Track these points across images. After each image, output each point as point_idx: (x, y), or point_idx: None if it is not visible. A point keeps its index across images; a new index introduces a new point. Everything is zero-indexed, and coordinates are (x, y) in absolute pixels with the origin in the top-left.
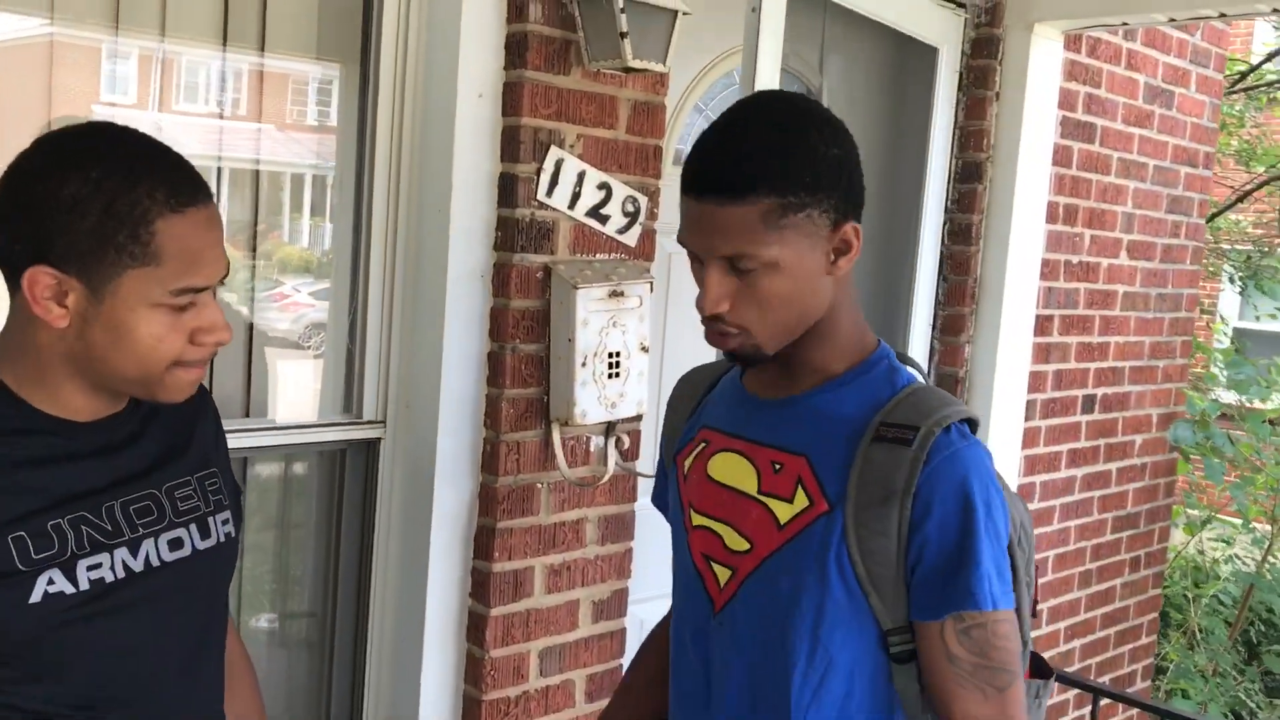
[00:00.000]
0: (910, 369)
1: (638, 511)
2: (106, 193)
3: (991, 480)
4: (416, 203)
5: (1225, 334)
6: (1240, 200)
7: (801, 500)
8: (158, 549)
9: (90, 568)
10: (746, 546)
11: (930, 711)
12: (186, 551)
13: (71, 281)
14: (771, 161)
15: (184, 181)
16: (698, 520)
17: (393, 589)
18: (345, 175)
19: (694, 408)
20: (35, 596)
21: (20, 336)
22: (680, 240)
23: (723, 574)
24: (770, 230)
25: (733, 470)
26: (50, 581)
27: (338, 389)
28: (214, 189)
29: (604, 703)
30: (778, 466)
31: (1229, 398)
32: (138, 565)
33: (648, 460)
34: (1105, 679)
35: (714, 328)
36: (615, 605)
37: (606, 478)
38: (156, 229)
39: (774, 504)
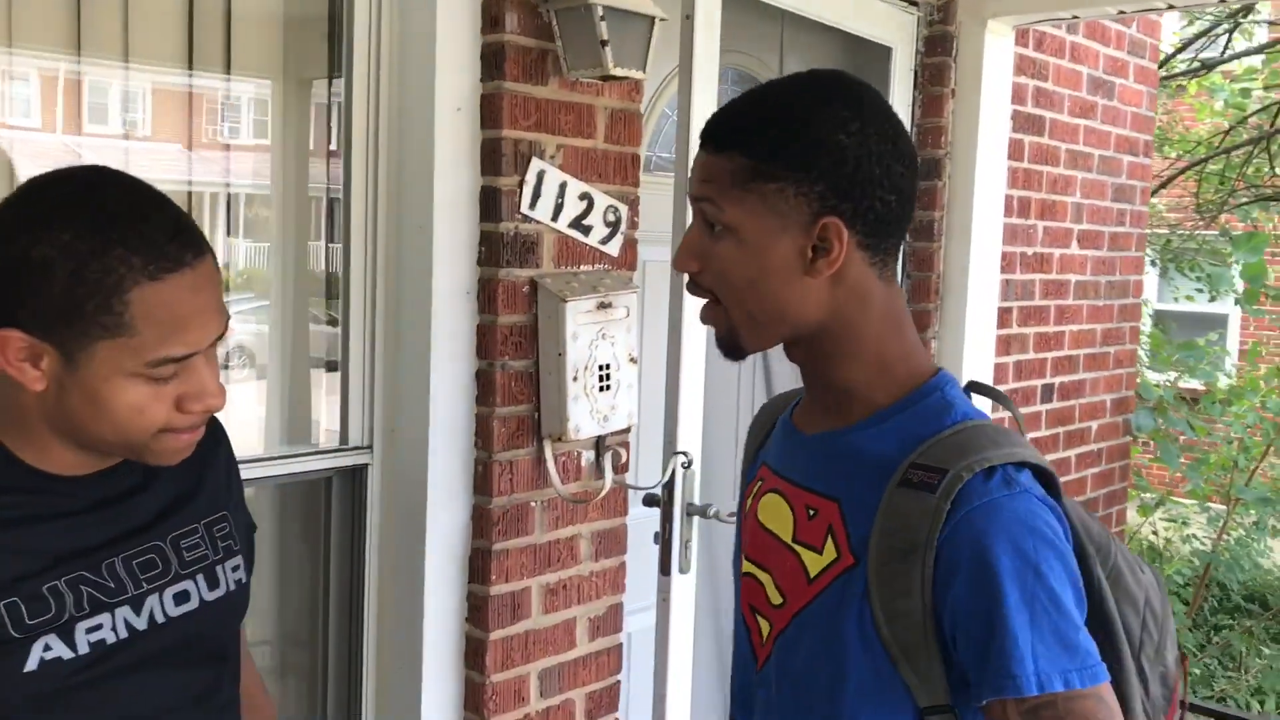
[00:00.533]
0: (976, 399)
1: (629, 524)
2: (77, 258)
3: (1040, 537)
4: (396, 221)
5: (1149, 316)
6: (1164, 185)
7: (830, 552)
8: (162, 604)
9: (90, 629)
10: (781, 600)
11: None
12: (193, 605)
13: (44, 346)
14: (761, 122)
15: (168, 243)
16: (746, 567)
17: (388, 618)
18: (319, 195)
19: (763, 440)
20: (31, 664)
21: (6, 393)
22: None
23: (764, 628)
24: (735, 188)
25: (774, 514)
26: (46, 648)
27: (331, 414)
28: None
29: None
30: (812, 512)
31: (1154, 378)
32: (141, 624)
33: (639, 473)
34: None
35: (691, 291)
36: (611, 621)
37: (604, 492)
38: (130, 299)
39: (805, 554)
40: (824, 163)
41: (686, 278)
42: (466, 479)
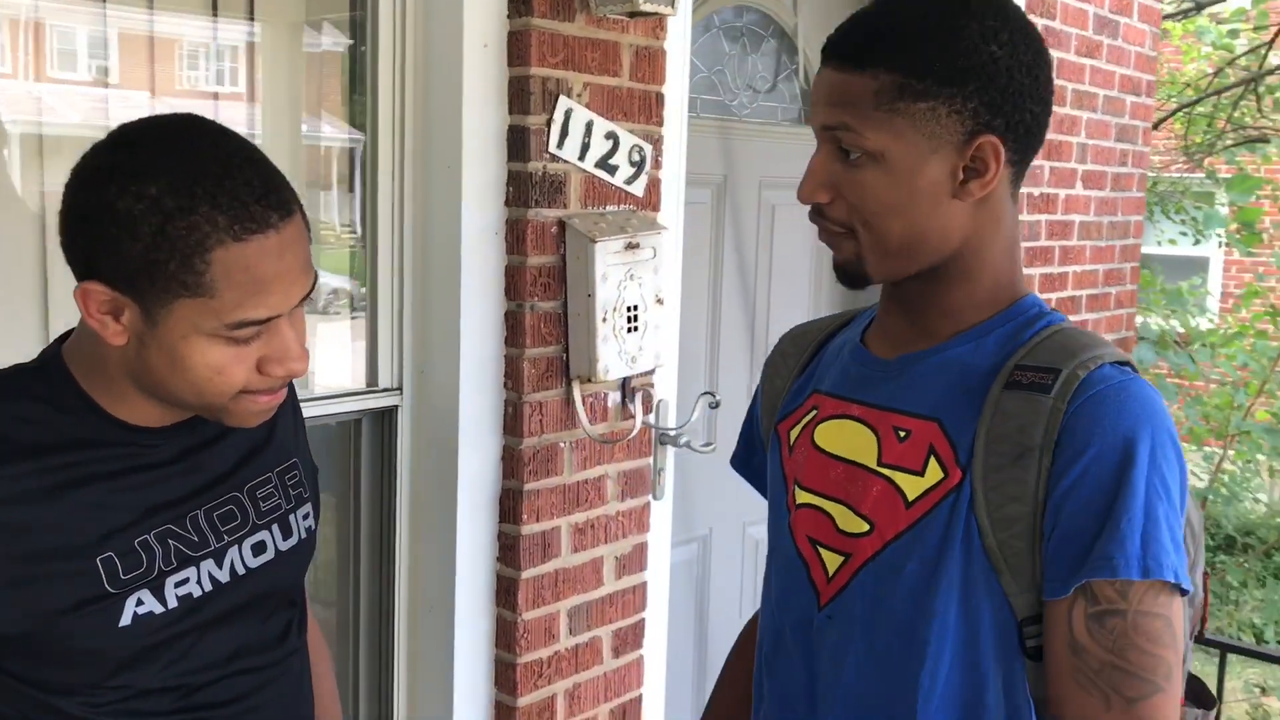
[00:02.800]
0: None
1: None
2: (162, 213)
3: (1168, 429)
4: (423, 161)
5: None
6: (1154, 128)
7: (935, 472)
8: (242, 556)
9: (178, 584)
10: (865, 528)
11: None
12: (270, 555)
13: (125, 300)
14: (904, 35)
15: (255, 203)
16: (803, 498)
17: (420, 559)
18: (351, 139)
19: (803, 367)
20: (125, 619)
21: (90, 345)
22: (810, 120)
23: (832, 561)
24: (880, 111)
25: (848, 439)
26: (139, 602)
27: (357, 357)
28: None
29: (631, 657)
30: (903, 434)
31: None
32: (224, 576)
33: (670, 414)
34: None
35: (815, 222)
36: (637, 559)
37: (635, 432)
38: (212, 259)
39: (900, 478)
40: (978, 77)
41: (809, 208)
42: (497, 420)
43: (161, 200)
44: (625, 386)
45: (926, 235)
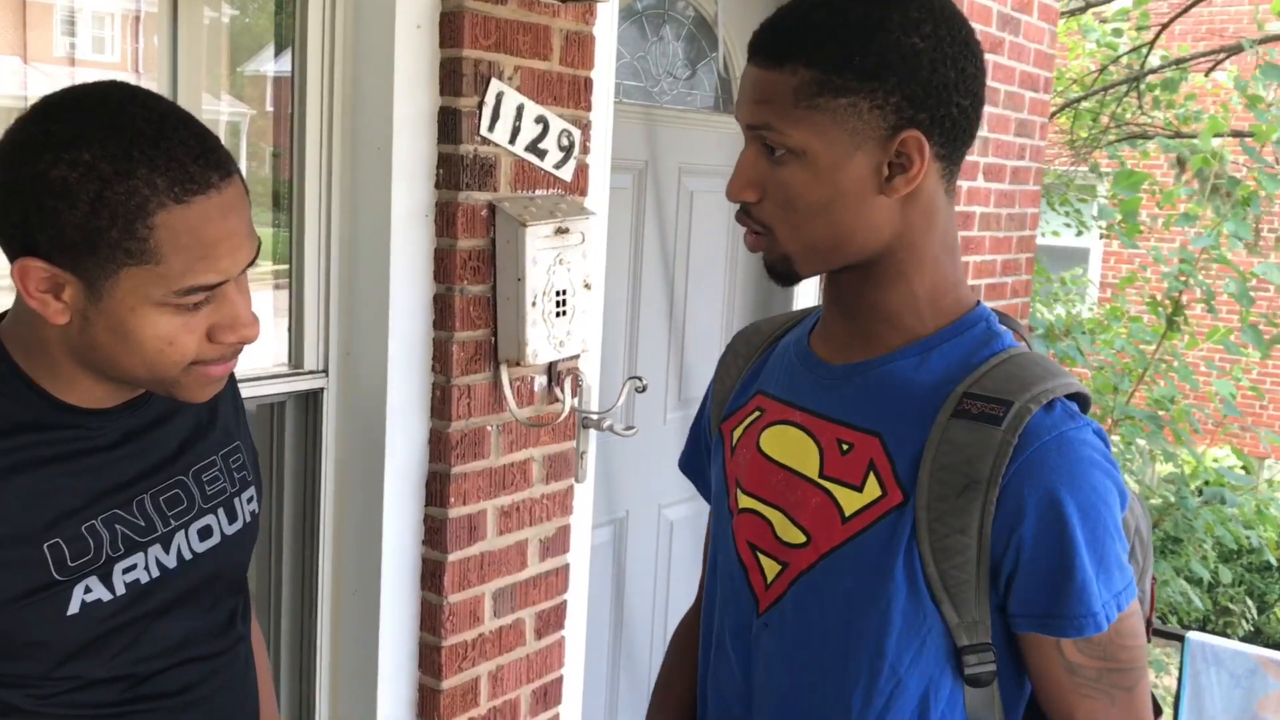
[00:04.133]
0: (1012, 333)
1: None
2: (99, 179)
3: (1105, 470)
4: (352, 141)
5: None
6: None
7: (873, 489)
8: (188, 541)
9: (126, 570)
10: (803, 539)
11: None
12: (216, 540)
13: (66, 275)
14: (822, 30)
15: (192, 164)
16: (745, 502)
17: (345, 542)
18: (277, 117)
19: (750, 367)
20: (73, 608)
21: (29, 327)
22: (736, 116)
23: (771, 568)
24: (801, 108)
25: (790, 447)
26: (88, 590)
27: (278, 339)
28: None
29: (553, 638)
30: (846, 447)
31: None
32: (170, 561)
33: (592, 398)
34: None
35: (741, 221)
36: (560, 542)
37: (564, 415)
38: (155, 223)
39: (839, 491)
40: (899, 70)
41: (737, 208)
42: (424, 403)
43: (97, 165)
44: (552, 370)
45: (853, 232)
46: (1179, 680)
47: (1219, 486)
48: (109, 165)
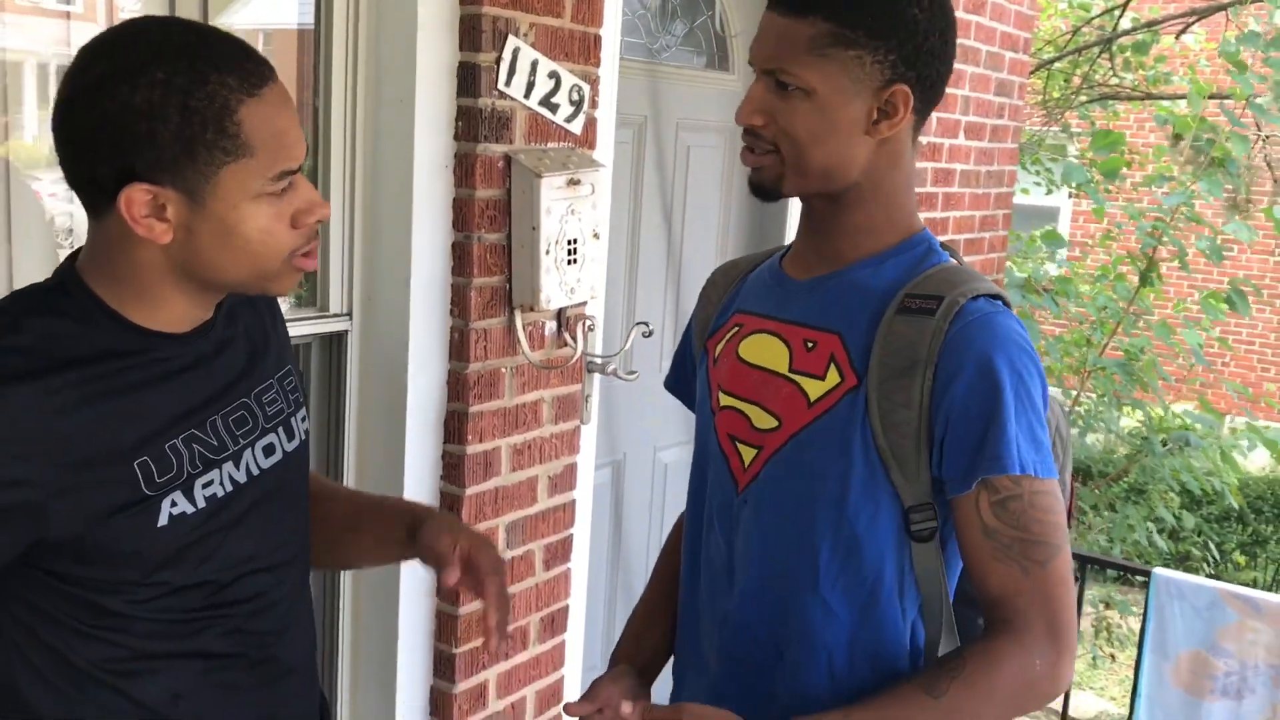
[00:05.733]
0: (949, 255)
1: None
2: (181, 91)
3: (1025, 349)
4: (375, 94)
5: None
6: None
7: (834, 377)
8: (255, 458)
9: (205, 485)
10: (774, 424)
11: (968, 600)
12: (278, 456)
13: (168, 193)
14: None
15: (249, 61)
16: (725, 401)
17: (367, 478)
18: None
19: (729, 293)
20: (163, 520)
21: (117, 255)
22: (750, 59)
23: (748, 453)
24: (814, 54)
25: (764, 351)
26: (174, 504)
27: (307, 282)
28: None
29: (560, 569)
30: (810, 345)
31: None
32: (241, 476)
33: (596, 343)
34: None
35: (746, 141)
36: (567, 479)
37: (575, 359)
38: (240, 118)
39: (805, 382)
40: (900, 33)
41: (743, 130)
42: (443, 345)
43: (174, 80)
44: (562, 316)
45: (838, 162)
46: (1144, 613)
47: (1185, 430)
48: (183, 79)
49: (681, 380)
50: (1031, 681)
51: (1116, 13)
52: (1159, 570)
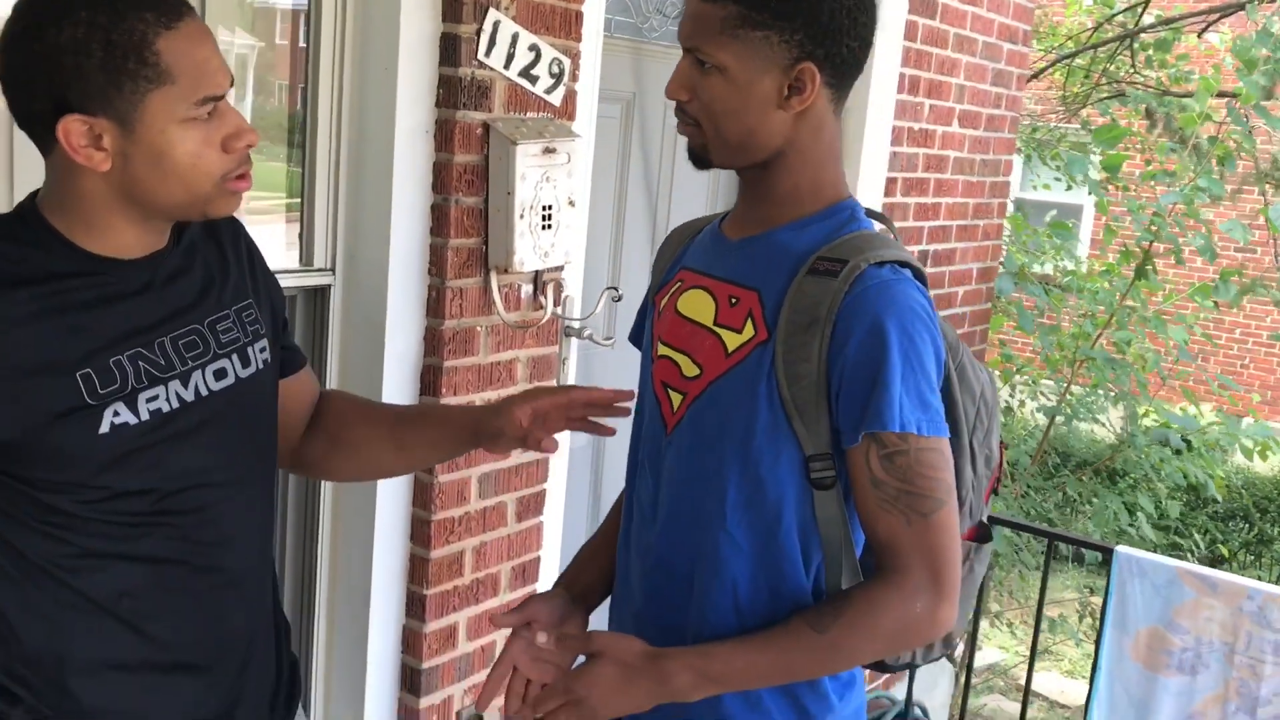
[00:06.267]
0: (877, 223)
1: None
2: (103, 28)
3: (919, 315)
4: (361, 62)
5: (1010, 201)
6: (1034, 77)
7: (749, 331)
8: (205, 380)
9: (149, 399)
10: (697, 372)
11: (862, 551)
12: (230, 380)
13: (101, 122)
14: None
15: (164, 1)
16: (662, 351)
17: None
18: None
19: (678, 252)
20: (104, 428)
21: (66, 187)
22: (678, 37)
23: (676, 399)
24: (726, 35)
25: (696, 305)
26: (116, 414)
27: (293, 238)
28: None
29: (531, 522)
30: (734, 300)
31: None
32: (189, 395)
33: (575, 308)
34: None
35: (677, 115)
36: None
37: (545, 319)
38: (159, 48)
39: (725, 334)
40: (804, 14)
41: (674, 104)
42: (421, 303)
43: (96, 18)
44: (537, 279)
45: (755, 134)
46: (1106, 590)
47: (1165, 429)
48: (104, 16)
49: (641, 334)
50: (911, 623)
51: (1139, 9)
52: (1120, 548)
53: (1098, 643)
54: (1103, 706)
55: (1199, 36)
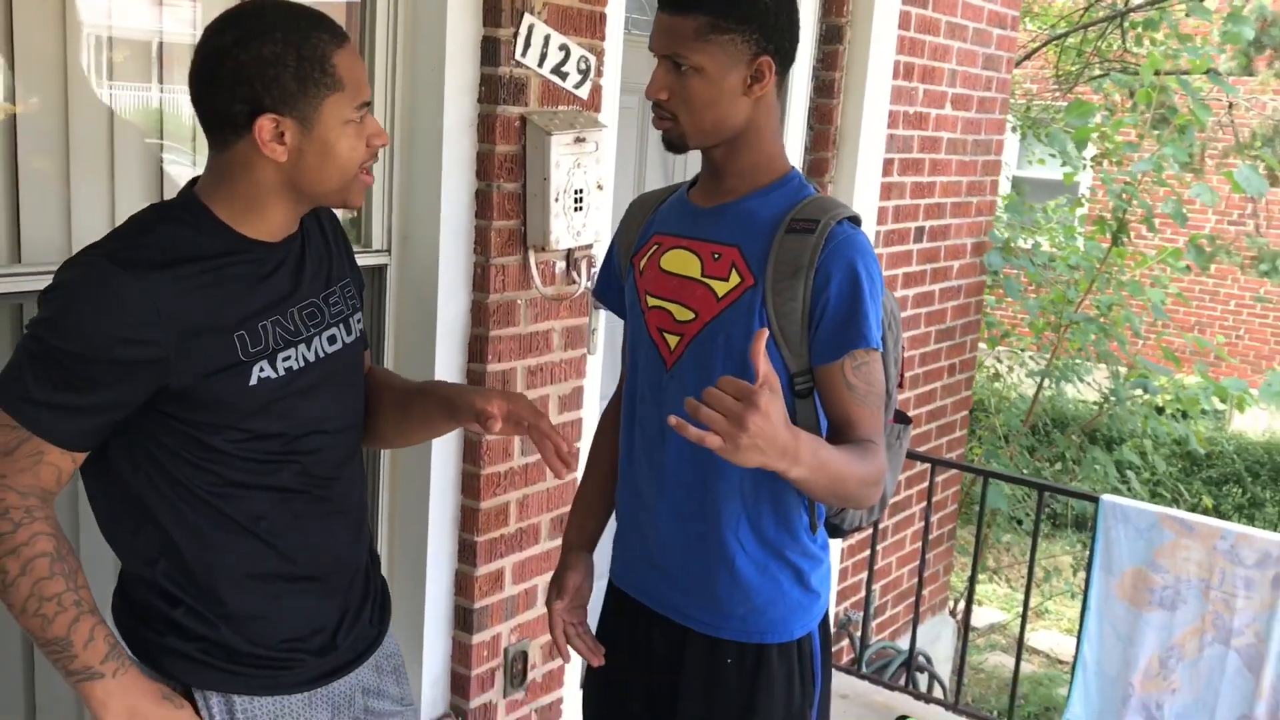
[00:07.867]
0: (814, 186)
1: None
2: (295, 45)
3: (873, 257)
4: (411, 64)
5: (1006, 179)
6: (1027, 57)
7: (735, 279)
8: (322, 344)
9: (284, 359)
10: (692, 316)
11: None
12: (339, 345)
13: (287, 121)
14: None
15: (333, 25)
16: (653, 302)
17: None
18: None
19: (646, 220)
20: (252, 380)
21: (239, 176)
22: (650, 47)
23: (673, 340)
24: (700, 41)
25: (682, 262)
26: (261, 369)
27: (354, 222)
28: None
29: (569, 477)
30: (717, 255)
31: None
32: (312, 356)
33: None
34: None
35: (655, 112)
36: (574, 399)
37: (579, 292)
38: (336, 61)
39: (714, 283)
40: (760, 17)
41: (653, 102)
42: (468, 278)
43: (289, 36)
44: (570, 256)
45: (726, 119)
46: (1093, 536)
47: (1143, 378)
48: (295, 35)
49: (608, 290)
50: (879, 473)
51: None
52: (1106, 496)
53: (1087, 584)
54: (1092, 641)
55: (1187, 15)
